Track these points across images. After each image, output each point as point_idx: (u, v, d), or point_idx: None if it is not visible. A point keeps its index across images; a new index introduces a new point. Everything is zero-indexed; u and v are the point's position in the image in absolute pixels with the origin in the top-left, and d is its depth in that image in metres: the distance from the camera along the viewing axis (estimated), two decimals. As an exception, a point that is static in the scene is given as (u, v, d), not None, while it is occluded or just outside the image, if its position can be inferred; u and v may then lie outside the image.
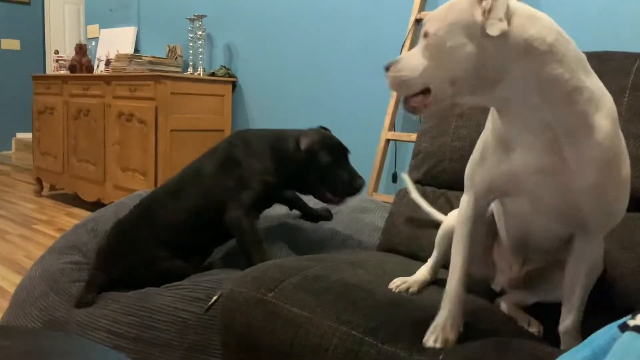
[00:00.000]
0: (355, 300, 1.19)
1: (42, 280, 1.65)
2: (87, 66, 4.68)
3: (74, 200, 4.62)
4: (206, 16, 4.05)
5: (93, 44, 5.21)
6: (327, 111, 3.45)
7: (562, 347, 1.05)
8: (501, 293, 1.30)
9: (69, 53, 5.28)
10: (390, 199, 2.61)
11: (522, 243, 1.18)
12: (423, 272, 1.36)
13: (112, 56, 4.54)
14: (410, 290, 1.29)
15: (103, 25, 5.22)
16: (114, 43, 4.91)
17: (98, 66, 4.93)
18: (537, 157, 0.95)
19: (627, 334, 0.70)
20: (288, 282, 1.28)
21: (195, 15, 4.03)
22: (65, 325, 1.50)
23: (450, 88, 0.92)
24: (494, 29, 0.87)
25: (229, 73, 3.96)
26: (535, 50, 0.88)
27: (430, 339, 1.03)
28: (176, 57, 4.22)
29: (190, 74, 4.06)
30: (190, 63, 4.14)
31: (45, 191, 5.06)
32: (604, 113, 0.93)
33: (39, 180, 4.96)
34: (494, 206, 1.24)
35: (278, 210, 2.07)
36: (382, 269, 1.44)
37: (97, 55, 5.01)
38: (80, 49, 4.69)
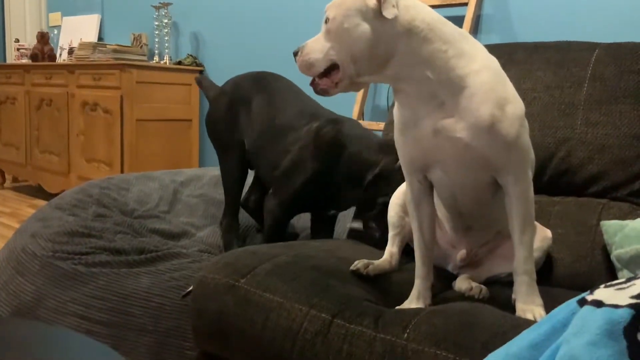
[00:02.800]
0: (325, 285, 1.21)
1: (9, 264, 1.64)
2: (49, 55, 4.58)
3: (38, 192, 4.53)
4: (172, 4, 4.00)
5: (55, 32, 5.10)
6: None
7: (514, 292, 1.13)
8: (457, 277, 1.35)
9: (30, 41, 5.16)
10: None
11: (457, 213, 1.26)
12: (385, 256, 1.39)
13: (75, 45, 4.45)
14: (369, 268, 1.31)
15: (66, 13, 5.11)
16: (77, 31, 4.82)
17: (61, 55, 4.83)
18: (433, 123, 1.08)
19: (586, 307, 0.74)
20: (260, 268, 1.29)
21: (160, 3, 3.99)
22: (35, 310, 1.49)
23: (352, 65, 1.08)
24: (389, 12, 1.03)
25: (195, 62, 3.93)
26: (416, 28, 1.06)
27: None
28: (141, 46, 4.17)
29: (156, 62, 4.02)
30: (156, 52, 4.10)
31: (8, 183, 4.95)
32: (479, 67, 1.08)
33: (1, 172, 4.85)
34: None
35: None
36: (352, 255, 1.46)
37: (60, 44, 4.91)
38: (42, 37, 4.60)
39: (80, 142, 3.88)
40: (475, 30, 2.69)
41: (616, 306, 0.71)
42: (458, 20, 2.64)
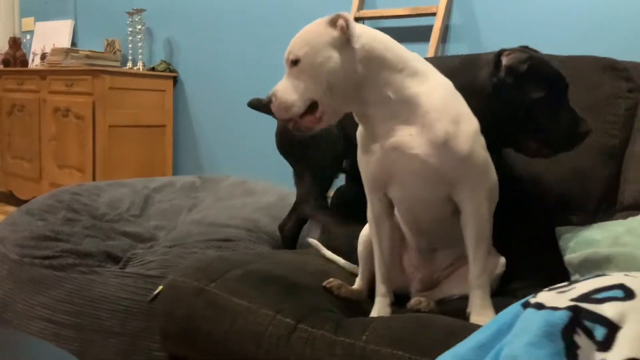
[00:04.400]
0: (293, 293, 1.25)
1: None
2: (21, 60, 4.55)
3: (9, 199, 4.49)
4: (146, 10, 4.01)
5: (28, 37, 5.06)
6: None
7: (469, 306, 1.17)
8: None
9: (1, 46, 5.11)
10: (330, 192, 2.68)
11: (418, 231, 1.30)
12: (356, 286, 1.39)
13: (48, 50, 4.43)
14: (341, 290, 1.33)
15: (39, 18, 5.07)
16: (50, 37, 4.79)
17: (33, 60, 4.79)
18: (393, 140, 1.13)
19: (528, 310, 0.78)
20: (231, 273, 1.32)
21: (134, 9, 3.99)
22: (2, 314, 1.51)
23: (330, 98, 1.12)
24: (355, 40, 1.10)
25: (169, 68, 3.94)
26: (374, 51, 1.12)
27: None
28: (115, 52, 4.16)
29: (130, 68, 4.02)
30: (130, 58, 4.09)
31: (-22, 189, 4.89)
32: (433, 86, 1.15)
33: (-29, 178, 4.79)
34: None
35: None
36: (322, 270, 1.47)
37: (32, 49, 4.87)
38: (15, 43, 4.56)
39: (52, 148, 3.86)
40: (443, 40, 2.75)
41: (555, 308, 0.75)
42: (426, 30, 2.69)
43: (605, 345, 0.69)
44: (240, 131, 3.63)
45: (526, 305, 0.79)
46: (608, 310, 0.72)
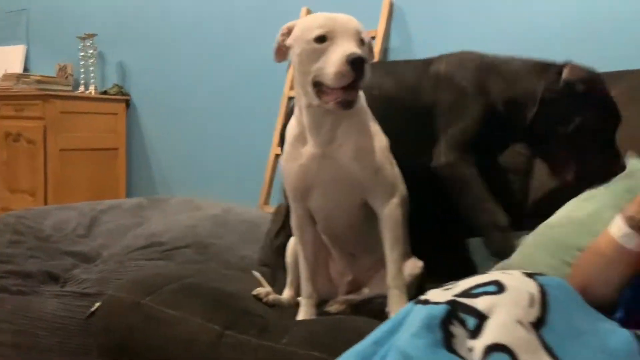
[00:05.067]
0: (224, 302, 1.32)
1: None
2: (-29, 86, 4.52)
3: (-40, 224, 4.43)
4: (97, 35, 4.05)
5: (-21, 62, 5.03)
6: (219, 126, 3.54)
7: (387, 305, 1.26)
8: None
9: (-48, 72, 5.07)
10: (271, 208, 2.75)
11: (334, 236, 1.40)
12: (285, 295, 1.47)
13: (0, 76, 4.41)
14: (269, 297, 1.42)
15: (-10, 44, 5.06)
16: (2, 62, 4.77)
17: (-16, 86, 4.76)
18: (319, 150, 1.25)
19: (417, 306, 0.87)
20: (167, 287, 1.39)
21: (85, 34, 4.02)
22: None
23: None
24: None
25: (121, 91, 3.98)
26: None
27: None
28: (67, 76, 4.18)
29: (82, 92, 4.04)
30: (82, 82, 4.12)
31: None
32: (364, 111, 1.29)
33: None
34: None
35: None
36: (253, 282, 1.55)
37: (-17, 75, 4.84)
38: (-35, 68, 4.53)
39: (3, 172, 3.84)
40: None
41: (437, 303, 0.85)
42: (367, 52, 2.81)
43: (475, 333, 0.79)
44: (193, 153, 3.69)
45: (417, 302, 0.89)
46: (480, 303, 0.82)
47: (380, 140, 1.30)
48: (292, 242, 1.46)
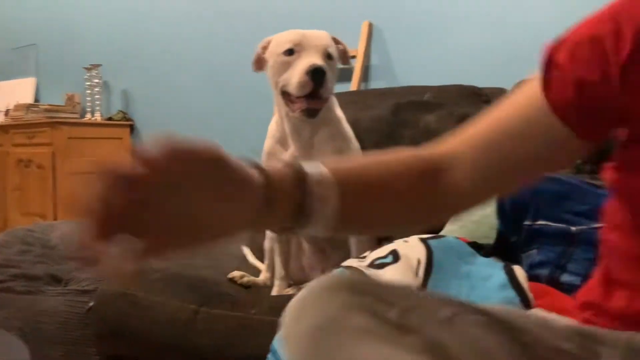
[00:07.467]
0: (199, 285, 1.51)
1: None
2: (-14, 118, 4.78)
3: (-24, 249, 4.63)
4: (102, 65, 4.30)
5: (-8, 96, 5.31)
6: (223, 147, 3.74)
7: None
8: None
9: (-33, 105, 5.34)
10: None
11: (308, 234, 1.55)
12: (263, 275, 1.65)
13: (12, 107, 4.67)
14: (244, 279, 1.59)
15: (2, 78, 5.33)
16: (14, 94, 5.03)
17: (-2, 117, 5.03)
18: (301, 153, 1.40)
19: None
20: (150, 277, 1.57)
21: (91, 65, 4.28)
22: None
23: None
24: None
25: (125, 117, 4.22)
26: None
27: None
28: (74, 105, 4.43)
29: (88, 119, 4.28)
30: (89, 109, 4.36)
31: (-54, 243, 5.02)
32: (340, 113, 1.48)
33: (-62, 232, 4.94)
34: None
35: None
36: (234, 268, 1.73)
37: (-3, 107, 5.11)
38: (-21, 101, 4.80)
39: (16, 197, 4.07)
40: (365, 79, 3.08)
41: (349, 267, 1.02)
42: (348, 72, 3.01)
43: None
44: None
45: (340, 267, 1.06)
46: (387, 274, 0.98)
47: (354, 143, 1.48)
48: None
